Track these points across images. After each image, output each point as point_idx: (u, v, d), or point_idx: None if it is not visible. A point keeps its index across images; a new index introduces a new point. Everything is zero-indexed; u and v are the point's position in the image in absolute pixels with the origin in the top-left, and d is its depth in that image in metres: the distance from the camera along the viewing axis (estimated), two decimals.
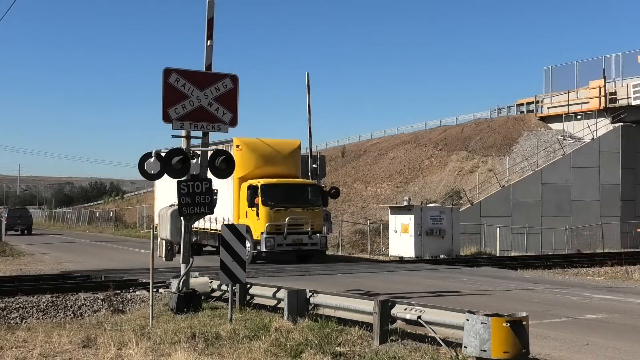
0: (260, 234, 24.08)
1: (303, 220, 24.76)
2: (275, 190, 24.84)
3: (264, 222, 24.01)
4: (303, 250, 24.95)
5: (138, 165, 13.24)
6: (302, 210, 24.92)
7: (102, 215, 66.82)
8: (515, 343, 8.10)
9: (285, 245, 24.32)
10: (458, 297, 15.07)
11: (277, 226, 24.16)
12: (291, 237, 24.40)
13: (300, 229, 24.67)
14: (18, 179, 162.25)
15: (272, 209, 24.28)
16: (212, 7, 13.82)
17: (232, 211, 25.46)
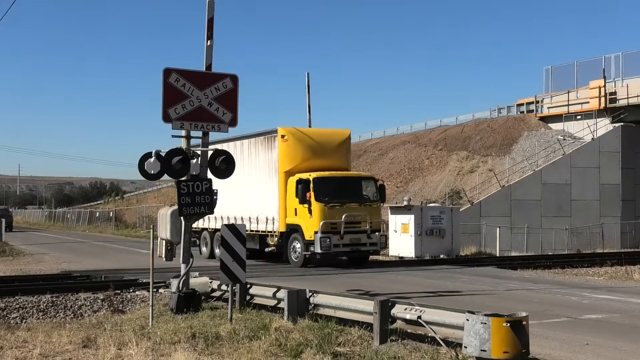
0: (313, 234, 21.91)
1: (361, 218, 22.52)
2: (330, 184, 22.72)
3: (318, 220, 21.86)
4: (361, 251, 22.82)
5: (138, 165, 13.24)
6: (359, 207, 22.73)
7: (102, 215, 66.82)
8: (515, 343, 8.11)
9: (341, 245, 22.15)
10: (458, 297, 15.07)
11: (333, 225, 21.99)
12: (348, 236, 22.22)
13: (357, 228, 22.45)
14: (18, 179, 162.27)
15: (327, 206, 22.12)
16: (212, 7, 13.82)
17: (277, 209, 23.31)
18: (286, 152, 23.27)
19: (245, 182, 24.81)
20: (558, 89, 46.57)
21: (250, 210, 24.53)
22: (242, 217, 24.63)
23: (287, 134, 23.36)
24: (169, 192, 68.98)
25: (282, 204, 23.14)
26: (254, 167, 24.95)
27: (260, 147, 24.72)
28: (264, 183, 24.29)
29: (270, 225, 23.64)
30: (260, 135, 24.77)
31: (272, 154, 23.80)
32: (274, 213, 23.47)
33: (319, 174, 22.65)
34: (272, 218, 23.53)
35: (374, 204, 23.16)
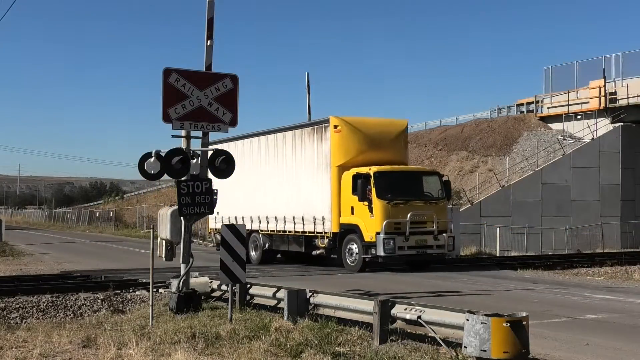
0: (375, 235, 19.92)
1: (427, 217, 20.56)
2: (392, 179, 20.79)
3: (381, 220, 19.87)
4: (427, 254, 20.66)
5: (138, 165, 13.24)
6: (424, 205, 20.79)
7: (102, 215, 66.79)
8: (515, 343, 8.10)
9: (406, 248, 20.13)
10: (458, 297, 15.07)
11: (397, 224, 20.03)
12: (413, 238, 20.23)
13: (423, 228, 20.48)
14: (18, 179, 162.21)
15: (390, 203, 20.14)
16: (212, 7, 13.82)
17: (329, 207, 21.32)
18: (339, 144, 21.37)
19: (286, 178, 23.52)
20: (558, 89, 46.54)
21: (294, 210, 22.80)
22: (284, 218, 23.23)
23: (340, 124, 21.43)
24: (169, 192, 68.91)
25: (335, 201, 21.28)
26: (298, 161, 23.10)
27: (307, 139, 22.65)
28: (311, 179, 22.35)
29: (319, 226, 21.81)
30: (307, 126, 22.90)
31: (323, 146, 21.85)
32: (324, 212, 21.58)
33: (380, 168, 20.67)
34: (321, 218, 21.65)
35: (439, 201, 21.29)
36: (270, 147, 24.58)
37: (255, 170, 25.02)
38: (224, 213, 25.44)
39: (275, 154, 24.27)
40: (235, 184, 24.31)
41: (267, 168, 24.58)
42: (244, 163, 24.42)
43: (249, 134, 26.13)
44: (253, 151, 25.46)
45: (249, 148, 25.71)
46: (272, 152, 24.48)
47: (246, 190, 25.12)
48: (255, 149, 25.41)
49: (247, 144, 25.81)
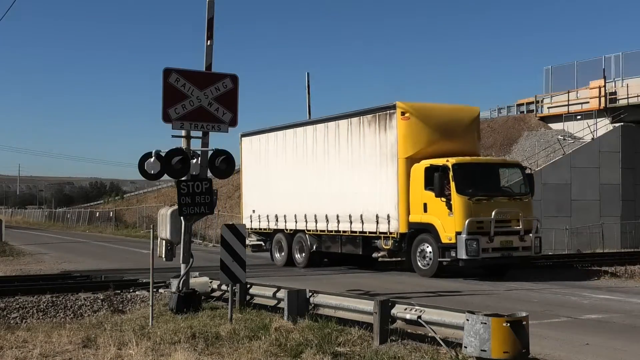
0: (454, 235, 17.77)
1: (512, 215, 18.38)
2: (473, 172, 18.72)
3: (462, 218, 17.72)
4: (513, 257, 18.51)
5: (138, 165, 13.23)
6: (509, 201, 18.66)
7: (102, 215, 66.74)
8: (515, 343, 8.11)
9: (491, 250, 17.92)
10: (458, 297, 15.07)
11: (479, 223, 17.89)
12: (498, 238, 18.08)
13: (508, 227, 18.34)
14: (18, 179, 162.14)
15: (472, 199, 18.00)
16: (212, 7, 13.82)
17: (395, 204, 19.04)
18: (408, 133, 19.06)
19: (339, 173, 21.33)
20: (558, 89, 46.54)
21: (349, 207, 20.53)
22: (337, 216, 20.93)
23: (409, 111, 19.11)
24: (169, 192, 68.86)
25: (403, 198, 18.94)
26: (354, 153, 20.72)
27: (367, 128, 20.25)
28: (371, 173, 19.95)
29: (383, 225, 19.46)
30: (366, 113, 20.38)
31: (387, 135, 19.48)
32: (389, 209, 19.24)
33: (459, 160, 18.48)
34: (385, 216, 19.31)
35: (524, 197, 19.06)
36: (320, 138, 22.24)
37: (301, 164, 22.94)
38: (262, 211, 24.32)
39: (326, 145, 21.96)
40: (276, 179, 24.01)
41: (316, 161, 22.36)
42: (286, 156, 23.60)
43: (293, 124, 23.91)
44: (297, 143, 23.12)
45: (292, 139, 23.41)
46: (321, 143, 22.18)
47: (289, 186, 23.24)
48: (300, 140, 23.03)
49: (290, 135, 23.50)
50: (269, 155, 24.57)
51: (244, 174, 26.24)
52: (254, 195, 25.10)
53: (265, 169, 24.71)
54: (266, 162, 24.69)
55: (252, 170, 25.49)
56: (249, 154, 25.74)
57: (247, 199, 25.73)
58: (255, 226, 24.84)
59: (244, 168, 26.22)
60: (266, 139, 24.86)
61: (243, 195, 26.42)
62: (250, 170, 25.67)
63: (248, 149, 25.78)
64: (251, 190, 25.49)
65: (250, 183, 25.66)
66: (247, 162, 25.94)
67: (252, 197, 25.29)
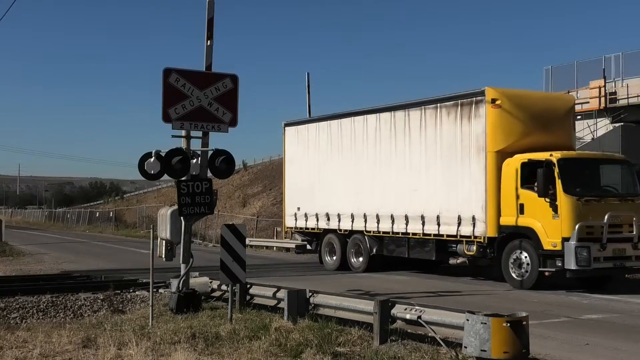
0: (560, 241, 15.65)
1: (625, 219, 16.15)
2: (580, 169, 16.68)
3: (571, 222, 15.58)
4: (625, 268, 16.43)
5: (138, 165, 13.23)
6: (620, 203, 16.43)
7: (102, 216, 66.76)
8: (515, 343, 8.10)
9: (602, 259, 15.73)
10: (458, 297, 15.07)
11: (589, 228, 15.72)
12: (611, 246, 15.85)
13: (619, 233, 16.07)
14: (18, 179, 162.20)
15: (581, 200, 15.85)
16: (212, 7, 13.82)
17: (483, 203, 16.99)
18: (499, 123, 16.97)
19: (408, 167, 19.26)
20: (558, 89, 46.44)
21: (421, 206, 18.64)
22: (405, 216, 19.04)
23: (501, 98, 17.01)
24: (169, 192, 68.89)
25: (492, 197, 16.87)
26: (429, 145, 18.65)
27: (445, 117, 18.23)
28: (451, 167, 17.98)
29: (465, 228, 17.46)
30: (445, 100, 18.30)
31: (472, 126, 17.42)
32: (473, 210, 17.23)
33: (565, 154, 16.42)
34: (469, 217, 17.29)
35: (636, 198, 16.80)
36: (384, 128, 20.04)
37: (360, 157, 20.90)
38: (309, 209, 22.57)
39: (393, 136, 19.78)
40: (328, 173, 22.18)
41: (379, 154, 20.25)
42: (342, 148, 21.66)
43: (351, 112, 21.70)
44: (356, 133, 21.06)
45: (349, 129, 21.31)
46: (386, 133, 19.98)
47: (345, 182, 21.34)
48: (360, 130, 20.92)
49: (347, 124, 21.40)
50: (320, 146, 22.52)
51: (287, 168, 24.09)
52: (300, 191, 23.13)
53: (314, 162, 22.75)
54: (316, 155, 22.68)
55: (297, 164, 23.43)
56: (294, 146, 23.68)
57: (291, 196, 23.64)
58: (300, 225, 23.18)
59: (287, 161, 24.14)
60: (316, 128, 22.80)
61: (286, 192, 24.22)
62: (295, 163, 23.60)
63: (293, 140, 23.69)
64: (296, 186, 23.38)
65: (295, 178, 23.56)
66: (292, 154, 23.85)
67: (297, 193, 23.29)
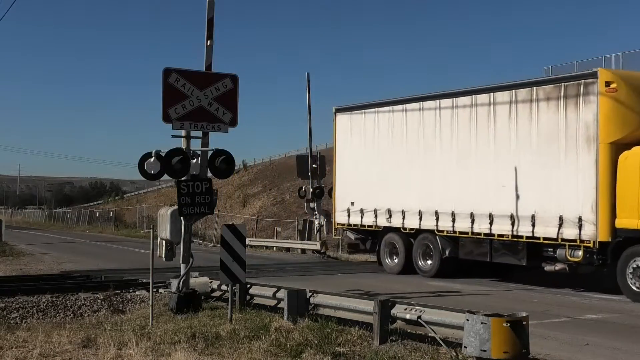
0: None
1: None
2: None
3: None
4: None
5: (138, 165, 13.23)
6: None
7: (102, 216, 66.79)
8: (515, 343, 8.10)
9: None
10: (458, 297, 15.08)
11: None
12: None
13: None
14: (18, 179, 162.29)
15: None
16: (212, 7, 13.82)
17: (592, 202, 15.11)
18: (614, 110, 14.96)
19: (491, 158, 17.36)
20: None
21: (510, 204, 16.72)
22: (489, 215, 17.14)
23: (616, 81, 15.04)
24: (169, 192, 68.98)
25: (605, 195, 14.91)
26: (521, 134, 16.73)
27: (543, 102, 16.32)
28: (551, 160, 16.08)
29: (569, 230, 15.56)
30: (544, 83, 16.50)
31: (580, 113, 15.48)
32: (581, 210, 15.30)
33: None
34: (575, 218, 15.37)
35: None
36: (462, 115, 18.04)
37: (429, 147, 18.91)
38: (365, 204, 20.70)
39: (472, 123, 17.88)
40: (390, 164, 20.21)
41: (455, 143, 18.22)
42: (406, 136, 19.60)
43: (417, 97, 19.65)
44: (425, 120, 19.02)
45: (417, 115, 19.31)
46: (464, 120, 18.02)
47: (410, 175, 19.41)
48: (431, 117, 18.90)
49: (414, 110, 19.38)
50: (379, 134, 20.51)
51: (339, 159, 22.07)
52: (354, 184, 21.24)
53: (373, 152, 20.78)
54: (375, 144, 20.69)
55: (351, 154, 21.50)
56: (347, 134, 21.71)
57: (344, 189, 21.66)
58: (354, 222, 21.25)
59: (339, 151, 22.10)
60: (375, 115, 20.71)
61: (337, 185, 22.22)
62: (348, 154, 21.65)
63: (346, 128, 21.71)
64: (350, 179, 21.49)
65: (348, 170, 21.63)
66: (345, 143, 21.87)
67: (351, 186, 21.39)
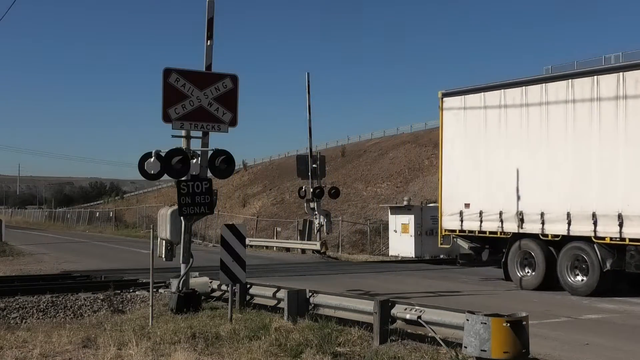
0: None
1: None
2: None
3: None
4: None
5: (138, 165, 13.23)
6: None
7: (102, 215, 66.84)
8: (515, 343, 8.10)
9: None
10: (458, 297, 15.08)
11: None
12: None
13: None
14: (18, 179, 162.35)
15: None
16: (212, 7, 13.82)
17: None
18: None
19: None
20: None
21: None
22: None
23: None
24: (169, 192, 69.00)
25: None
26: None
27: None
28: None
29: None
30: None
31: None
32: None
33: None
34: None
35: None
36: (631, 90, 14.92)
37: (581, 135, 15.66)
38: (487, 206, 17.51)
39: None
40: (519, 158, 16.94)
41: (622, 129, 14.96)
42: (546, 122, 16.41)
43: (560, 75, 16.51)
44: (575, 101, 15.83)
45: (563, 94, 16.06)
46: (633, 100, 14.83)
47: (551, 169, 16.26)
48: (583, 95, 15.64)
49: (558, 90, 16.19)
50: (506, 120, 17.26)
51: (446, 152, 18.98)
52: (470, 182, 18.11)
53: (497, 142, 17.52)
54: (500, 131, 17.44)
55: (465, 146, 18.32)
56: (459, 122, 18.51)
57: (455, 189, 18.53)
58: (470, 227, 18.01)
59: (447, 143, 18.94)
60: (500, 96, 17.50)
61: (444, 183, 19.00)
62: (461, 145, 18.47)
63: (458, 115, 18.56)
64: (463, 176, 18.36)
65: (460, 165, 18.51)
66: (456, 133, 18.66)
67: (464, 185, 18.26)
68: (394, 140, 61.84)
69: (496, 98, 17.64)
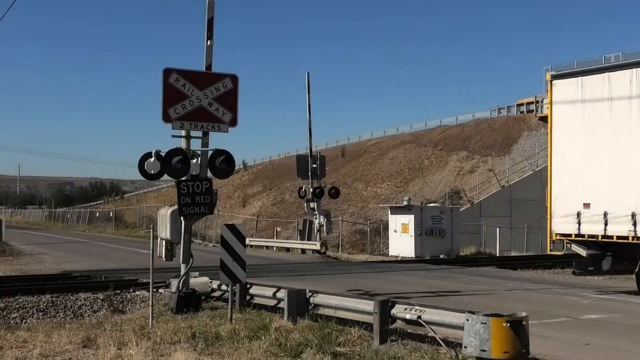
0: None
1: None
2: None
3: None
4: None
5: (138, 165, 13.23)
6: None
7: (102, 215, 66.82)
8: (515, 343, 8.10)
9: None
10: (458, 297, 15.07)
11: None
12: None
13: None
14: (18, 179, 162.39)
15: None
16: (212, 7, 13.83)
17: None
18: None
19: None
20: None
21: None
22: None
23: None
24: (169, 192, 69.01)
25: None
26: None
27: None
28: None
29: None
30: None
31: None
32: None
33: None
34: None
35: None
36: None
37: None
38: (613, 207, 15.22)
39: None
40: None
41: None
42: None
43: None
44: None
45: None
46: None
47: None
48: None
49: None
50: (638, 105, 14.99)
51: (557, 143, 16.68)
52: (590, 178, 15.85)
53: (627, 131, 15.16)
54: (632, 119, 15.08)
55: (585, 136, 15.98)
56: (575, 109, 16.13)
57: (570, 186, 16.25)
58: (591, 232, 15.75)
59: (558, 132, 16.61)
60: (631, 77, 15.02)
61: (554, 179, 16.71)
62: (578, 134, 16.13)
63: (574, 100, 16.18)
64: (581, 170, 16.09)
65: (576, 158, 16.22)
66: (572, 120, 16.32)
67: (582, 181, 16.00)
68: (394, 140, 61.88)
69: (625, 78, 15.18)
